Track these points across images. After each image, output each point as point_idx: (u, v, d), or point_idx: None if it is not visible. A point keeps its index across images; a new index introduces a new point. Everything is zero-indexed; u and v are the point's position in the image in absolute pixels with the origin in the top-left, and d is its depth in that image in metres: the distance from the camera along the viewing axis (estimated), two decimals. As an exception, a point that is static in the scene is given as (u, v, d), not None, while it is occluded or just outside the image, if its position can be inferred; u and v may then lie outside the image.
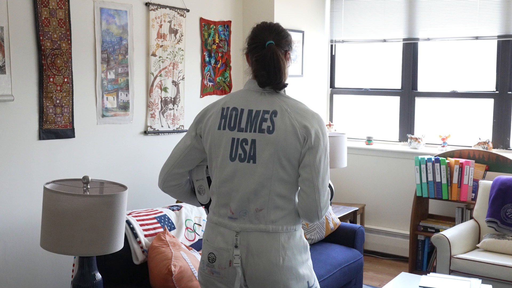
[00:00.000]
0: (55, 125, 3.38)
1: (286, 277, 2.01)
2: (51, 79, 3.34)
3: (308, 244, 2.13)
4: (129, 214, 3.15)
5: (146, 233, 3.08)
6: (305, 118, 2.01)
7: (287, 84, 2.07)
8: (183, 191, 2.27)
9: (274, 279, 2.01)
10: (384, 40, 5.32)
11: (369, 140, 5.36)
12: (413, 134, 5.22)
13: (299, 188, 2.04)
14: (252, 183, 2.01)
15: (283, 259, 2.01)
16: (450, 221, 4.77)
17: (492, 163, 4.52)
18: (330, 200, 2.36)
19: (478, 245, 4.12)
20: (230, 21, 4.73)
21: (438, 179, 4.61)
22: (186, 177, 2.24)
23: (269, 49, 2.02)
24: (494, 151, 4.70)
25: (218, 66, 4.62)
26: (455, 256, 3.95)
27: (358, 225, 4.28)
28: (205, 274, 2.12)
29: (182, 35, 4.23)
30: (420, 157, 4.69)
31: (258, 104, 2.04)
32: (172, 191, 2.26)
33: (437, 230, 4.61)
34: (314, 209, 2.00)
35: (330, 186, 2.26)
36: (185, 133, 4.30)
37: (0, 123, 3.11)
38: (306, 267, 2.09)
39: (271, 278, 2.01)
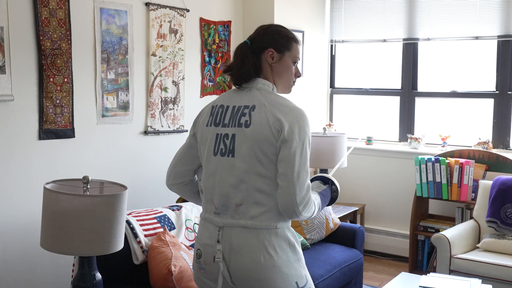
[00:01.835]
0: (55, 125, 3.38)
1: (270, 276, 1.99)
2: (51, 79, 3.34)
3: (296, 244, 2.08)
4: (129, 214, 3.15)
5: (146, 233, 3.08)
6: (281, 112, 2.01)
7: (248, 76, 2.12)
8: (188, 190, 2.30)
9: (257, 277, 2.00)
10: (384, 40, 5.32)
11: (369, 140, 5.36)
12: (413, 134, 5.22)
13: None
14: (232, 177, 2.04)
15: (264, 257, 1.99)
16: (450, 221, 4.77)
17: (492, 163, 4.52)
18: (333, 202, 2.34)
19: (478, 245, 4.12)
20: (230, 21, 4.73)
21: (438, 179, 4.61)
22: (190, 176, 2.28)
23: (236, 47, 2.17)
24: (494, 151, 4.70)
25: (218, 66, 4.62)
26: (455, 256, 3.95)
27: (358, 225, 4.28)
28: (195, 271, 2.16)
29: (182, 35, 4.23)
30: (420, 157, 4.69)
31: (240, 100, 2.10)
32: (177, 189, 2.31)
33: (437, 230, 4.61)
34: (291, 205, 1.97)
35: (336, 188, 2.26)
36: (185, 132, 4.33)
37: (0, 123, 3.11)
38: (294, 267, 2.04)
39: (254, 276, 2.00)
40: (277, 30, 2.15)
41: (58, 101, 3.38)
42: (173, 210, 3.37)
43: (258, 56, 2.12)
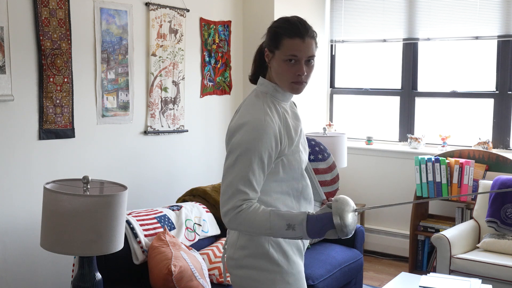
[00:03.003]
0: (55, 125, 3.38)
1: (237, 273, 2.01)
2: (51, 79, 3.34)
3: (276, 254, 1.97)
4: (129, 214, 3.15)
5: (146, 233, 3.08)
6: (235, 118, 1.98)
7: (256, 77, 2.08)
8: None
9: (231, 272, 2.05)
10: (384, 40, 5.32)
11: (369, 140, 5.36)
12: (413, 134, 5.22)
13: None
14: None
15: (235, 255, 2.01)
16: (450, 221, 4.77)
17: (492, 163, 4.52)
18: (335, 236, 1.85)
19: (478, 245, 4.12)
20: (230, 21, 4.73)
21: (438, 179, 4.61)
22: None
23: None
24: (494, 151, 4.70)
25: (218, 66, 4.62)
26: (455, 256, 3.95)
27: (358, 225, 4.28)
28: None
29: (182, 35, 4.23)
30: (420, 157, 4.69)
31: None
32: None
33: (437, 230, 4.61)
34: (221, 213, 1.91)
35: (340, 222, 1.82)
36: (185, 132, 4.33)
37: (0, 123, 3.11)
38: (266, 277, 1.96)
39: (230, 270, 2.05)
40: (271, 27, 2.03)
41: (58, 101, 3.38)
42: (173, 210, 3.37)
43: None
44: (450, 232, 4.08)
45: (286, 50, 1.94)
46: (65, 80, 3.41)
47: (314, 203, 2.18)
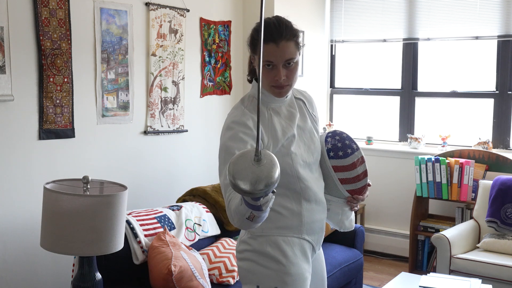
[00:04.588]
0: (55, 125, 3.38)
1: (238, 264, 2.09)
2: (51, 79, 3.34)
3: (272, 252, 1.97)
4: (129, 214, 3.15)
5: (146, 233, 3.08)
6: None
7: (249, 79, 2.11)
8: None
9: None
10: (384, 40, 5.32)
11: (369, 140, 5.36)
12: (413, 134, 5.22)
13: None
14: None
15: (237, 247, 2.08)
16: (450, 221, 4.77)
17: (492, 163, 4.52)
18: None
19: (478, 245, 4.13)
20: (230, 21, 4.73)
21: (438, 179, 4.61)
22: None
23: None
24: (494, 151, 4.70)
25: (218, 66, 4.62)
26: (455, 256, 3.95)
27: (358, 225, 4.28)
28: None
29: (182, 35, 4.23)
30: (420, 157, 4.69)
31: None
32: None
33: (437, 230, 4.62)
34: None
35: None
36: (185, 132, 4.33)
37: (0, 123, 3.11)
38: (260, 272, 1.98)
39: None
40: (251, 31, 2.02)
41: (58, 101, 3.38)
42: (173, 210, 3.37)
43: None
44: (450, 232, 4.09)
45: (263, 56, 1.89)
46: (65, 80, 3.41)
47: (337, 201, 2.15)
